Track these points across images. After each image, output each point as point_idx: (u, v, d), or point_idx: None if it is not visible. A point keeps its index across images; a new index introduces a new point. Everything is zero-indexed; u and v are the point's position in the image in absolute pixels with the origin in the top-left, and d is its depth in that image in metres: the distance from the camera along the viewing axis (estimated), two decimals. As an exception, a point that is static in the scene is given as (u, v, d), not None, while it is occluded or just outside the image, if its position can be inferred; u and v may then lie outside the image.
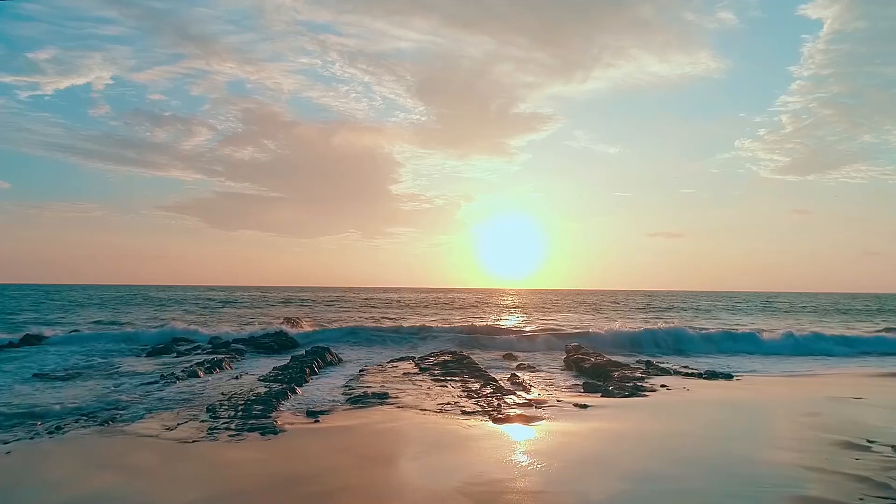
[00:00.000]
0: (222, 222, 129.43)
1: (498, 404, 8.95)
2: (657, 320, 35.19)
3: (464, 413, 8.54)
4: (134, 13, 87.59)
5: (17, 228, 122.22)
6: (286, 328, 22.77)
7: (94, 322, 29.11)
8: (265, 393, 10.36)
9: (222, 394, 10.65)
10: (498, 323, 30.68)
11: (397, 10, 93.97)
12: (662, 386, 10.82)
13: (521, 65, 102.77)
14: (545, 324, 30.76)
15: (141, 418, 8.74)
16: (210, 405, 9.47)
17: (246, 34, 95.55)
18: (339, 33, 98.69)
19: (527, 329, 26.17)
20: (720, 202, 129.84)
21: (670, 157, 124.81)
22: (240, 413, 8.78)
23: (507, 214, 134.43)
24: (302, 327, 24.32)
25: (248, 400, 9.74)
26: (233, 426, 7.93)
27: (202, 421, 8.42)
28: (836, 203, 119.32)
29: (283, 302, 54.92)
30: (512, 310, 47.69)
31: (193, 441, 7.20)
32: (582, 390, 11.01)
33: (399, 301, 59.67)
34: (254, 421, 8.13)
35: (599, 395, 10.25)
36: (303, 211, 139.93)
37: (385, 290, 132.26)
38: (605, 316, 40.08)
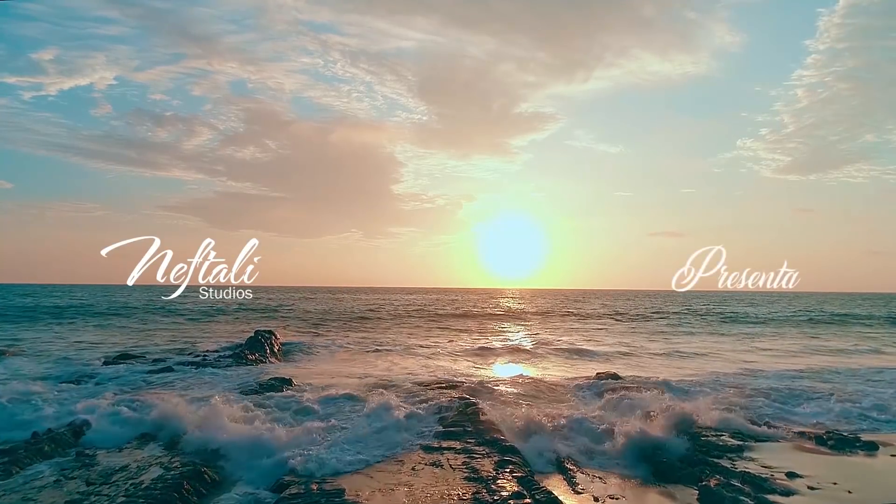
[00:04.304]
0: (224, 222, 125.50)
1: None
2: (685, 334, 31.46)
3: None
4: (135, 13, 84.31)
5: (18, 228, 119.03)
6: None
7: (60, 338, 25.29)
8: (149, 487, 6.44)
9: (87, 484, 6.76)
10: (509, 341, 26.63)
11: (399, 9, 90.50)
12: (812, 489, 6.57)
13: (523, 64, 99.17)
14: (565, 340, 26.84)
15: None
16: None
17: (247, 34, 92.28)
18: (340, 33, 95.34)
19: (545, 349, 22.15)
20: (722, 201, 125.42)
21: (672, 157, 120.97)
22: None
23: (509, 214, 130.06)
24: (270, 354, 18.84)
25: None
26: None
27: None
28: (838, 202, 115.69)
29: (269, 305, 50.92)
30: (522, 319, 43.73)
31: None
32: None
33: (404, 302, 55.70)
34: None
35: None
36: (304, 211, 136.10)
37: (386, 290, 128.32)
38: (622, 325, 36.07)
